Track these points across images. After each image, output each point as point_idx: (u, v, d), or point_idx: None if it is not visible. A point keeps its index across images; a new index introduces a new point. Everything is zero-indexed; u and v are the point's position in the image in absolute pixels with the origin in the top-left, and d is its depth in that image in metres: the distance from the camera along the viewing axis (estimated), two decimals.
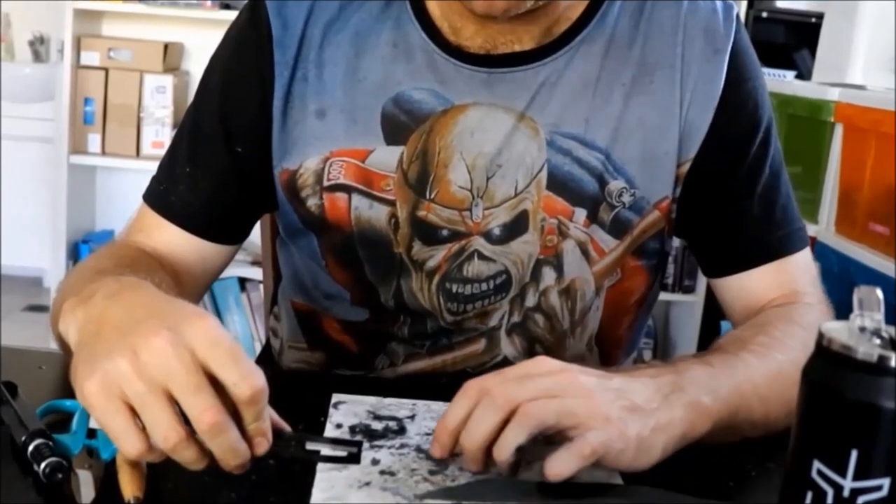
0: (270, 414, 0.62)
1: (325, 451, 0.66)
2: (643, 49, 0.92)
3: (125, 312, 0.62)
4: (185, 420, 0.57)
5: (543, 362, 0.70)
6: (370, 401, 0.81)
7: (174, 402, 0.57)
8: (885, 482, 0.51)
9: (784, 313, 0.89)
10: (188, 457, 0.58)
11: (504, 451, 0.65)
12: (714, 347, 0.83)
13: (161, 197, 0.96)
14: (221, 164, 0.94)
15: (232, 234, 0.98)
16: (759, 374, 0.78)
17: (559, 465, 0.64)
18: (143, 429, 0.57)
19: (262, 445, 0.60)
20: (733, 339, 0.85)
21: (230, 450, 0.58)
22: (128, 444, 0.57)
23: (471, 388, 0.68)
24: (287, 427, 0.64)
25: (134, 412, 0.57)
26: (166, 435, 0.57)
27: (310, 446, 0.65)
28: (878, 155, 2.04)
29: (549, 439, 0.67)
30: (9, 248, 3.33)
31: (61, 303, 0.72)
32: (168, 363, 0.57)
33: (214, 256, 0.97)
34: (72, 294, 0.70)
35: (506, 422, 0.65)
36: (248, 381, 0.58)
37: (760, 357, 0.80)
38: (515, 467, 0.67)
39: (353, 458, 0.66)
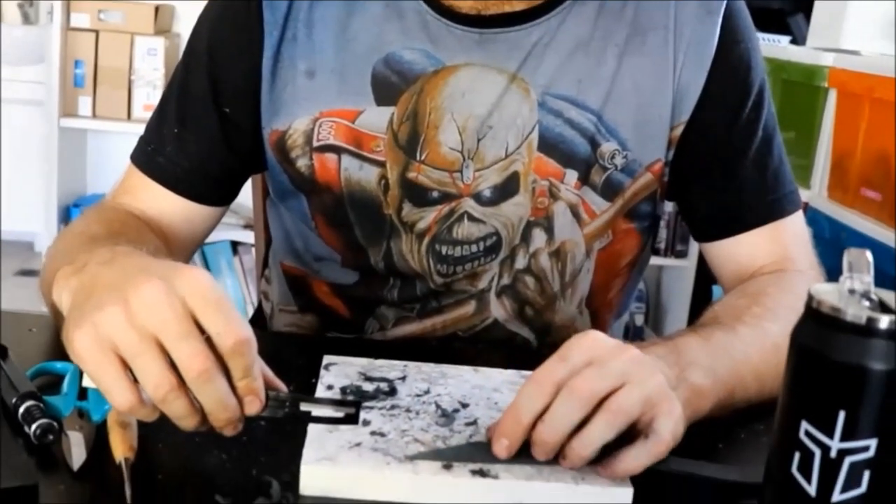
0: (265, 372, 0.61)
1: (321, 411, 0.65)
2: (636, 9, 0.91)
3: (118, 272, 0.62)
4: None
5: (600, 341, 0.65)
6: (361, 362, 0.81)
7: (165, 354, 0.56)
8: (872, 443, 0.51)
9: (776, 280, 0.89)
10: (178, 408, 0.57)
11: (590, 448, 0.62)
12: (709, 317, 0.83)
13: (149, 158, 0.95)
14: (210, 125, 0.94)
15: (220, 196, 0.97)
16: (755, 350, 0.77)
17: (633, 462, 0.63)
18: (135, 382, 0.57)
19: (254, 405, 0.59)
20: (728, 308, 0.84)
21: (219, 401, 0.57)
22: (119, 396, 0.57)
23: (543, 380, 0.63)
24: (283, 386, 0.63)
25: (125, 366, 0.57)
26: (157, 382, 0.56)
27: (304, 407, 0.63)
28: (872, 121, 2.04)
29: None
30: None
31: (53, 269, 0.72)
32: (159, 311, 0.56)
33: (202, 218, 0.97)
34: (65, 261, 0.69)
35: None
36: (231, 330, 0.57)
37: (755, 329, 0.79)
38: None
39: (352, 419, 0.65)
